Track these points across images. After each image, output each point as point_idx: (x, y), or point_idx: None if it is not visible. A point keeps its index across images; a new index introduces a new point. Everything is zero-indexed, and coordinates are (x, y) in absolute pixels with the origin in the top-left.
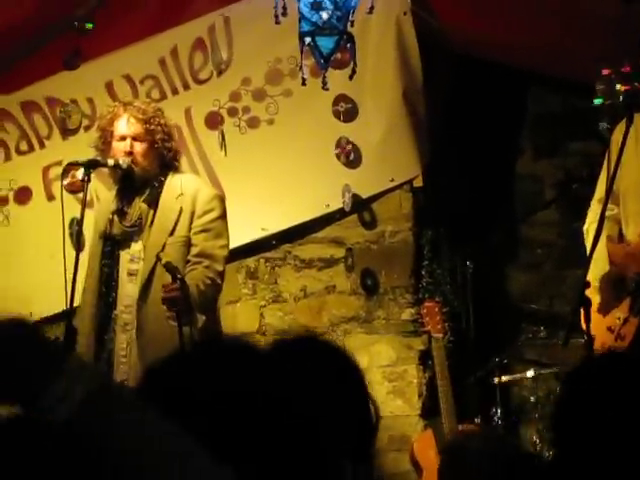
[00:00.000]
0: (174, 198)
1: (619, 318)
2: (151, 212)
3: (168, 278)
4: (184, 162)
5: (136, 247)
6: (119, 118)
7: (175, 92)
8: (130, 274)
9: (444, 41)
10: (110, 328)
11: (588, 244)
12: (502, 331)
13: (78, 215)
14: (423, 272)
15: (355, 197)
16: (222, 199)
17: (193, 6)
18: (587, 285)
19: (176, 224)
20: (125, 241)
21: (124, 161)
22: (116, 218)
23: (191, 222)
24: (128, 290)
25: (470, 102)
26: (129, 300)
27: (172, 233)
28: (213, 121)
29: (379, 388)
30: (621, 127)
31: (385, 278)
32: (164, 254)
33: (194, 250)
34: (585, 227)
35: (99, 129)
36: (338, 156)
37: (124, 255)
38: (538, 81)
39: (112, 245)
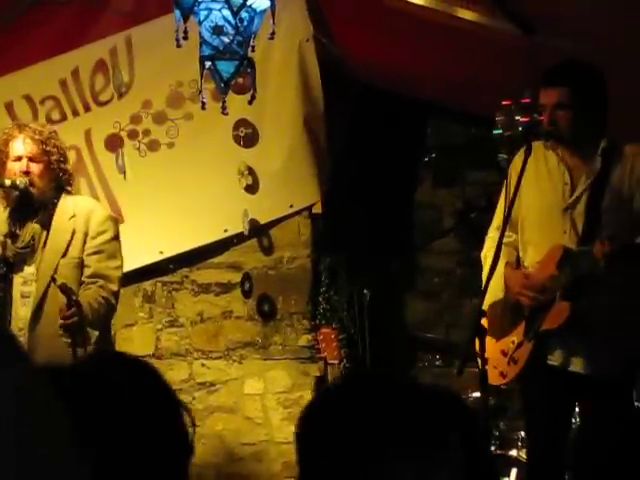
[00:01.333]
0: (67, 219)
1: (513, 342)
2: (44, 233)
3: (61, 299)
4: (83, 184)
5: (29, 269)
6: (15, 139)
7: (76, 113)
8: (23, 296)
9: (346, 69)
10: None
11: (485, 270)
12: (398, 359)
13: None
14: (320, 299)
15: (253, 222)
16: (115, 220)
17: (95, 28)
18: (483, 314)
19: (69, 245)
20: (18, 263)
21: (21, 181)
22: (8, 240)
23: (84, 243)
24: (21, 313)
25: (371, 130)
26: (22, 323)
27: (65, 255)
28: (113, 143)
29: (274, 414)
30: (520, 155)
31: (282, 304)
32: (58, 276)
33: (87, 271)
34: (483, 253)
35: None
36: (238, 181)
37: (17, 278)
38: (439, 111)
39: (5, 267)
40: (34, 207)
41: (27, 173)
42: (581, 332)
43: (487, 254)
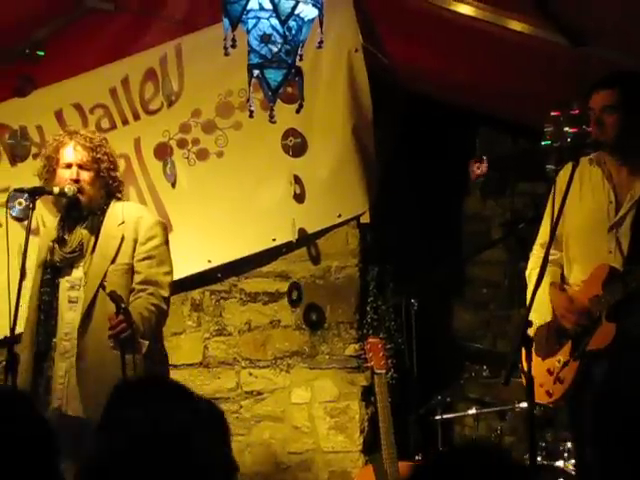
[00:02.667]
0: (116, 226)
1: (559, 361)
2: (92, 239)
3: (109, 306)
4: (132, 192)
5: (76, 274)
6: (65, 146)
7: (125, 122)
8: (70, 301)
9: (395, 79)
10: (49, 356)
11: (529, 289)
12: (445, 369)
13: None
14: (368, 308)
15: (302, 232)
16: (164, 226)
17: (146, 37)
18: (529, 324)
19: (118, 251)
20: (65, 268)
21: (69, 189)
22: (56, 245)
23: (133, 250)
24: (68, 318)
25: (420, 140)
26: (69, 328)
27: (114, 261)
28: (162, 152)
29: (321, 423)
30: (565, 171)
31: (330, 313)
32: (107, 282)
33: (138, 277)
34: (527, 272)
35: (44, 157)
36: (286, 191)
37: (64, 283)
38: (487, 121)
39: (52, 273)
40: (83, 214)
41: (77, 181)
42: (627, 353)
43: (531, 272)
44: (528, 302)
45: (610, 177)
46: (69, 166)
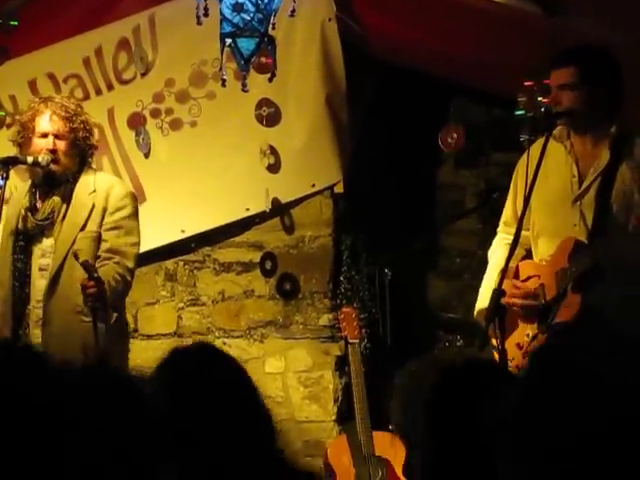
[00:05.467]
0: (87, 194)
1: (528, 335)
2: (64, 207)
3: (77, 273)
4: (105, 162)
5: (47, 242)
6: (41, 114)
7: (98, 92)
8: (41, 269)
9: (368, 48)
10: (24, 323)
11: (490, 269)
12: (419, 338)
13: None
14: (341, 278)
15: (275, 201)
16: (135, 198)
17: (119, 7)
18: (502, 293)
19: (87, 220)
20: (37, 236)
21: (43, 158)
22: (28, 213)
23: (102, 218)
24: (40, 285)
25: (393, 110)
26: (40, 295)
27: (83, 228)
28: (136, 122)
29: (295, 393)
30: (531, 152)
31: (304, 283)
32: (78, 250)
33: (104, 246)
34: (489, 252)
35: (19, 124)
36: (260, 160)
37: (36, 250)
38: (461, 91)
39: (24, 240)
40: (57, 182)
41: (53, 151)
42: (594, 324)
43: (493, 252)
44: (503, 268)
45: (573, 151)
46: (45, 135)
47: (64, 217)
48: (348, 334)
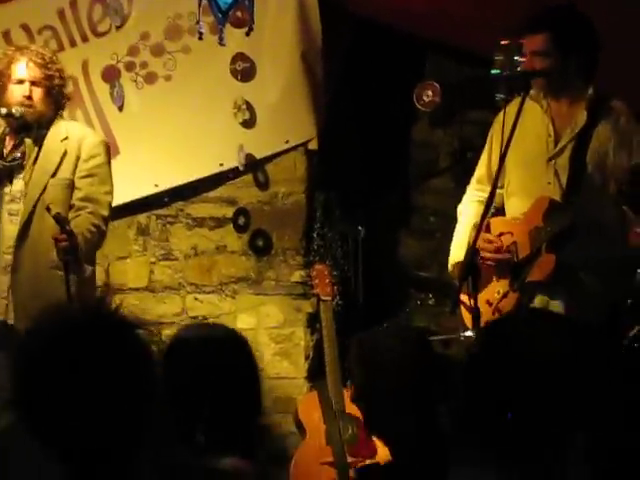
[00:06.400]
0: (59, 141)
1: (498, 292)
2: (35, 150)
3: (48, 220)
4: (79, 115)
5: (16, 186)
6: (17, 62)
7: (73, 44)
8: (10, 214)
9: (344, 3)
10: None
11: (460, 225)
12: (391, 297)
13: None
14: (315, 235)
15: (249, 157)
16: (108, 146)
17: None
18: (475, 253)
19: (59, 166)
20: (4, 180)
21: (17, 110)
22: None
23: (75, 166)
24: (9, 231)
25: (368, 67)
26: (10, 241)
27: (54, 175)
28: (110, 75)
29: (266, 349)
30: (510, 108)
31: (276, 240)
32: (48, 198)
33: (78, 194)
34: (459, 207)
35: None
36: (234, 115)
37: (4, 195)
38: (436, 49)
39: None
40: (29, 129)
41: (29, 98)
42: (565, 281)
43: (463, 208)
44: (468, 235)
45: (549, 111)
46: (21, 82)
47: (35, 161)
48: (320, 291)
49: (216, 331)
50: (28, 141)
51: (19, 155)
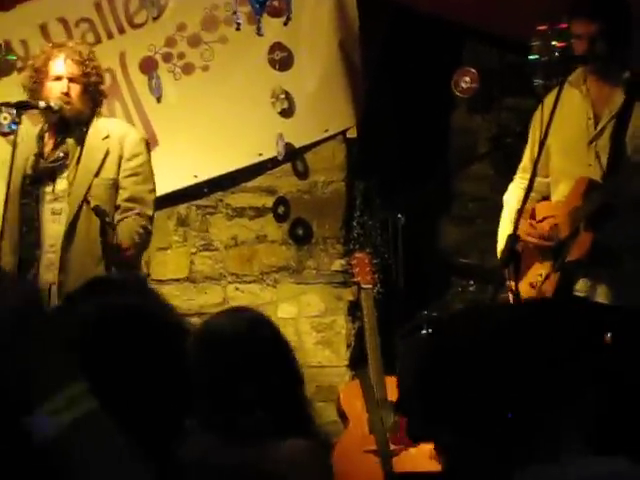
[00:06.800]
0: (100, 139)
1: (541, 275)
2: (78, 150)
3: (94, 219)
4: (118, 107)
5: (60, 186)
6: (55, 59)
7: (110, 36)
8: (54, 213)
9: None
10: (33, 268)
11: (505, 212)
12: (432, 284)
13: (8, 157)
14: (354, 223)
15: (288, 146)
16: (148, 142)
17: None
18: (517, 239)
19: (102, 165)
20: (46, 179)
21: (56, 103)
22: (38, 157)
23: (119, 165)
24: (52, 230)
25: (406, 55)
26: (53, 240)
27: (97, 174)
28: (148, 66)
29: (307, 338)
30: (549, 98)
31: (316, 228)
32: (92, 196)
33: (124, 194)
34: (505, 196)
35: (32, 69)
36: (273, 105)
37: (47, 195)
38: (474, 36)
39: (33, 184)
40: (68, 127)
41: (67, 94)
42: (606, 262)
43: (509, 197)
44: (512, 221)
45: (589, 94)
46: (59, 79)
47: (78, 161)
48: (361, 279)
49: (238, 314)
50: (70, 140)
51: (62, 155)
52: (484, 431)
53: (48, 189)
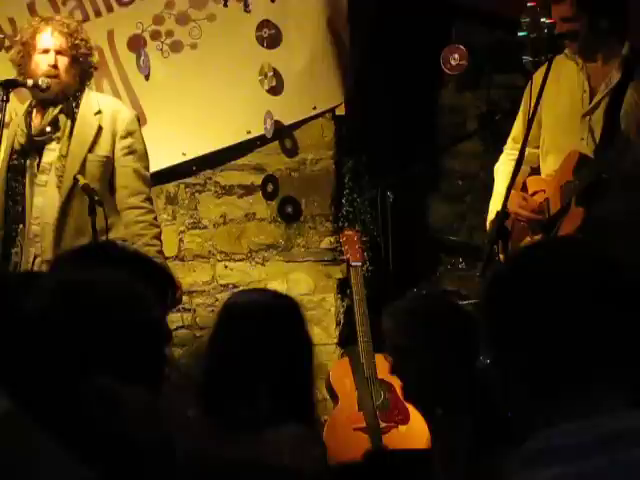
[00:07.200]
0: (92, 114)
1: None
2: (69, 123)
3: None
4: (106, 84)
5: (47, 158)
6: (42, 32)
7: (98, 14)
8: (39, 185)
9: None
10: (16, 242)
11: (496, 184)
12: (421, 262)
13: None
14: (343, 201)
15: (277, 124)
16: (139, 120)
17: None
18: (505, 216)
19: (95, 141)
20: (32, 152)
21: (43, 81)
22: (25, 129)
23: (112, 143)
24: (37, 202)
25: (394, 32)
26: (38, 212)
27: (91, 150)
28: (136, 44)
29: None
30: (542, 69)
31: (305, 206)
32: (86, 173)
33: (126, 171)
34: (495, 166)
35: (19, 43)
36: (261, 83)
37: (33, 167)
38: (462, 12)
39: (19, 158)
40: (56, 100)
41: (55, 67)
42: (597, 237)
43: (499, 167)
44: (503, 195)
45: (584, 68)
46: (46, 52)
47: (70, 134)
48: (350, 257)
49: (266, 297)
50: (61, 115)
51: (48, 129)
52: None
53: (34, 162)
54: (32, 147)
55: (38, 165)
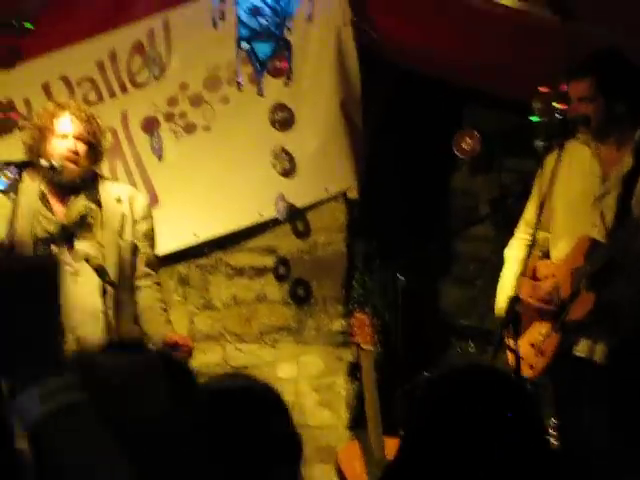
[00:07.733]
0: (114, 201)
1: (541, 334)
2: (99, 211)
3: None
4: (119, 166)
5: (78, 246)
6: (60, 117)
7: (112, 95)
8: (72, 274)
9: (383, 53)
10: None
11: (506, 269)
12: (432, 345)
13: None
14: (354, 283)
15: (289, 206)
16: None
17: (133, 10)
18: (516, 300)
19: (122, 228)
20: (61, 240)
21: (58, 163)
22: (47, 216)
23: (132, 228)
24: (73, 290)
25: (407, 116)
26: (73, 300)
27: (120, 236)
28: (149, 125)
29: (307, 399)
30: (553, 155)
31: (317, 288)
32: (120, 257)
33: (143, 257)
34: (505, 251)
35: (35, 127)
36: (273, 165)
37: (63, 254)
38: (475, 97)
39: (44, 245)
40: (73, 188)
41: (76, 153)
42: (606, 322)
43: (509, 253)
44: (512, 281)
45: (598, 153)
46: (65, 137)
47: (102, 222)
48: (360, 340)
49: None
50: (89, 203)
51: (81, 216)
52: None
53: (63, 250)
54: (63, 235)
55: (70, 253)
